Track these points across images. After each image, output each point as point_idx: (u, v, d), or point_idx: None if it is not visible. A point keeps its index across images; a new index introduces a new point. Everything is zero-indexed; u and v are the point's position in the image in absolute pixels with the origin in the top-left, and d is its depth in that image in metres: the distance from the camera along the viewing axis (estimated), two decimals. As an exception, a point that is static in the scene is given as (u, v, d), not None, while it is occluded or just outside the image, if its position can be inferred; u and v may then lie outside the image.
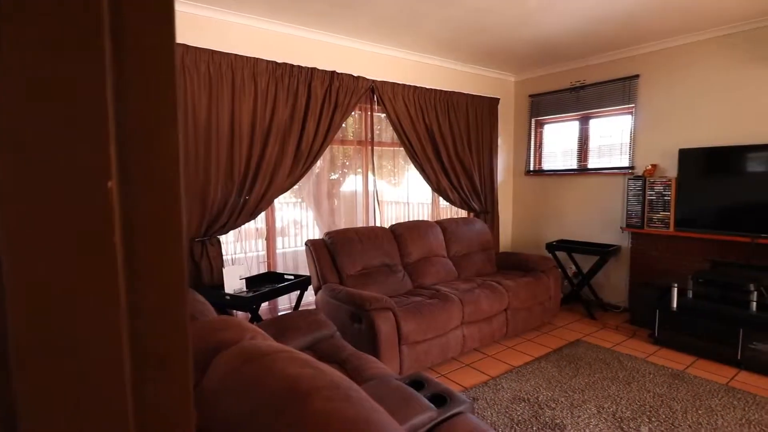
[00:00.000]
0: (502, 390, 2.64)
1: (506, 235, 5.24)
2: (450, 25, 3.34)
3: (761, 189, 3.21)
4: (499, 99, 4.78)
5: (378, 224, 4.06)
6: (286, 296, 3.61)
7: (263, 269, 3.51)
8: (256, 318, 2.86)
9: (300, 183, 3.76)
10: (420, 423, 1.48)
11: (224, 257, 3.19)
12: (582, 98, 4.44)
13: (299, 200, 3.99)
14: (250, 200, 3.08)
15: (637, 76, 4.00)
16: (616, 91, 4.16)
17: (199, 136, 2.88)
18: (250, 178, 3.07)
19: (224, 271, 2.81)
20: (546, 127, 4.93)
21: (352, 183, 4.01)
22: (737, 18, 3.25)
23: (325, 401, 0.77)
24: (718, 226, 3.43)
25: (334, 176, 3.99)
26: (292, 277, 3.14)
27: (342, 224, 3.88)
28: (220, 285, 2.88)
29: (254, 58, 3.05)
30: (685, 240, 3.64)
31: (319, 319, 2.35)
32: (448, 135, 4.28)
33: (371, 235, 3.38)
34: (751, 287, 3.11)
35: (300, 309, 3.13)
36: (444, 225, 3.97)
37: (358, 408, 0.78)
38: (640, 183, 3.85)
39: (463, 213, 4.74)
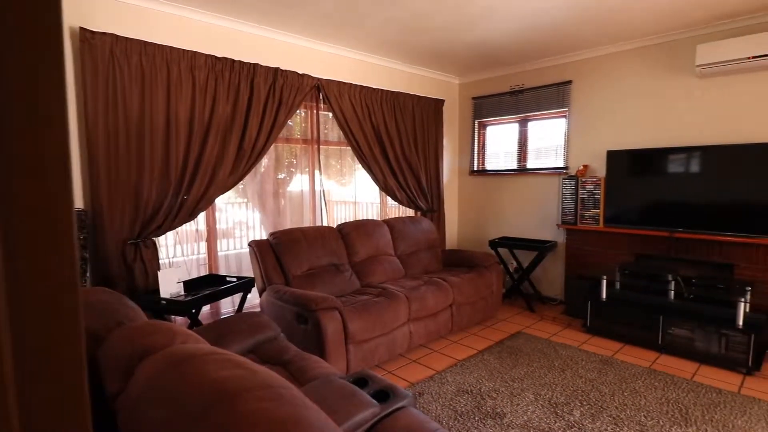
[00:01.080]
0: (447, 383, 2.71)
1: (452, 233, 5.39)
2: (393, 26, 3.38)
3: (678, 188, 3.52)
4: (444, 100, 4.90)
5: (326, 224, 4.03)
6: (229, 299, 3.49)
7: (204, 272, 3.37)
8: (196, 323, 2.73)
9: (244, 182, 3.65)
10: (363, 419, 1.49)
11: (162, 261, 3.02)
12: (521, 102, 4.66)
13: (245, 200, 3.87)
14: (188, 200, 2.94)
15: (570, 82, 4.26)
16: (551, 95, 4.41)
17: (131, 131, 2.71)
18: (188, 176, 2.93)
19: (159, 274, 2.66)
20: (488, 128, 5.12)
21: (299, 182, 3.94)
22: (653, 31, 3.55)
23: (254, 401, 0.75)
24: (641, 221, 3.72)
25: (281, 176, 3.90)
26: (235, 279, 3.04)
27: (288, 224, 3.81)
28: (157, 290, 2.72)
29: (192, 51, 2.92)
30: (613, 235, 3.92)
31: (262, 321, 2.29)
32: (395, 135, 4.33)
33: (318, 234, 3.34)
34: (669, 278, 3.41)
35: (243, 312, 3.03)
36: (391, 224, 4.01)
37: (288, 407, 0.76)
38: (573, 182, 4.10)
39: (410, 212, 4.81)
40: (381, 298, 3.02)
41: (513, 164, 4.85)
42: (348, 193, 4.51)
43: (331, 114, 3.89)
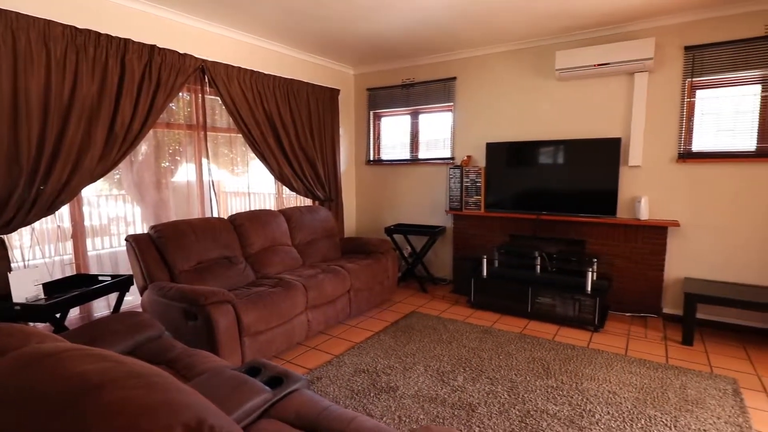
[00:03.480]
0: (345, 366, 2.79)
1: (351, 222, 5.49)
2: (285, 10, 3.31)
3: (544, 177, 4.03)
4: (339, 90, 4.93)
5: (217, 216, 3.82)
6: (104, 302, 3.14)
7: (71, 273, 2.98)
8: (61, 329, 2.42)
9: (120, 172, 3.30)
10: (255, 406, 1.48)
11: (16, 264, 2.60)
12: (412, 95, 4.89)
13: (121, 192, 3.49)
14: (46, 190, 2.57)
15: (455, 78, 4.59)
16: (438, 90, 4.70)
17: (-36, 109, 2.27)
18: (45, 163, 2.56)
19: (10, 276, 2.30)
20: (383, 119, 5.29)
21: (185, 172, 3.67)
22: (523, 36, 4.00)
23: (121, 390, 0.72)
24: (515, 206, 4.19)
25: (164, 164, 3.59)
26: (109, 278, 2.75)
27: (173, 218, 3.54)
28: (8, 294, 2.35)
29: (45, 19, 2.53)
30: (492, 219, 4.36)
31: (142, 321, 2.12)
32: (290, 123, 4.25)
33: (207, 226, 3.17)
34: (536, 254, 3.91)
35: (120, 312, 2.76)
36: (288, 214, 3.96)
37: (160, 393, 0.75)
38: (458, 172, 4.45)
39: (308, 202, 4.78)
40: (278, 288, 2.99)
41: (406, 155, 5.09)
42: (242, 184, 4.32)
43: (219, 99, 3.68)
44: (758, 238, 3.30)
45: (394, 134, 5.22)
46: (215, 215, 3.80)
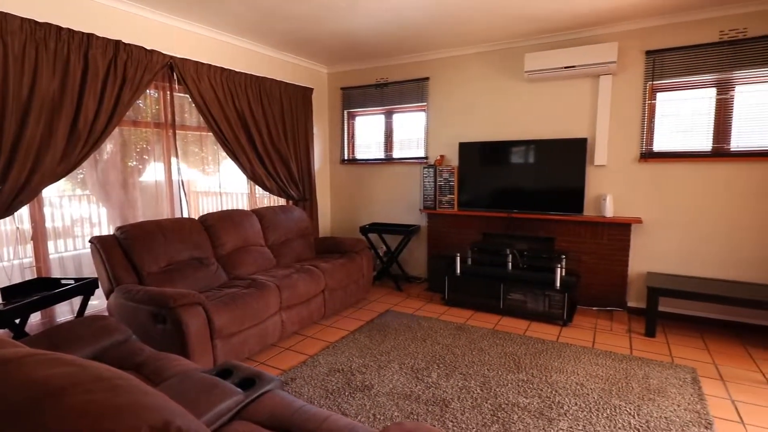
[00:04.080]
0: (319, 366, 2.78)
1: (325, 221, 5.47)
2: (253, 8, 3.26)
3: (515, 176, 4.12)
4: (312, 89, 4.90)
5: (187, 216, 3.73)
6: (67, 305, 3.03)
7: (32, 276, 2.86)
8: (21, 334, 2.32)
9: (83, 171, 3.18)
10: (226, 408, 1.46)
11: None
12: (386, 94, 4.91)
13: (85, 192, 3.36)
14: (3, 190, 2.45)
15: (428, 78, 4.64)
16: (412, 90, 4.74)
17: None
18: (2, 162, 2.44)
19: (-35, 281, 2.19)
20: (357, 119, 5.29)
21: (153, 171, 3.57)
22: (494, 38, 4.08)
23: (84, 394, 0.70)
24: (487, 205, 4.27)
25: (131, 163, 3.49)
26: (72, 282, 2.65)
27: (141, 218, 3.44)
28: (-39, 301, 2.23)
29: (2, 12, 2.41)
30: (466, 218, 4.43)
31: (108, 325, 2.06)
32: (262, 122, 4.20)
33: (177, 227, 3.10)
34: (508, 251, 4.00)
35: (84, 316, 2.66)
36: (261, 213, 3.91)
37: (125, 396, 0.73)
38: (432, 171, 4.50)
39: (282, 201, 4.74)
40: (250, 289, 2.95)
41: (381, 154, 5.11)
42: (213, 183, 4.24)
43: (189, 96, 3.60)
44: (715, 234, 3.48)
45: (368, 133, 5.23)
46: (185, 215, 3.72)
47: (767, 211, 3.30)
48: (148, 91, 3.42)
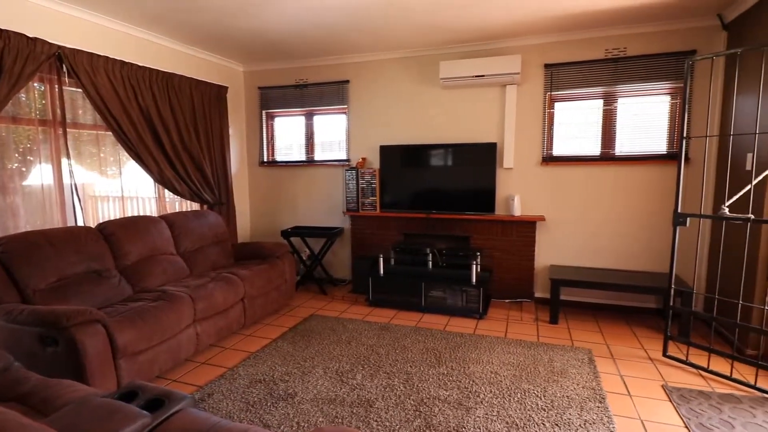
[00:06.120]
0: (239, 378, 2.66)
1: (245, 226, 5.24)
2: (161, -1, 3.04)
3: (434, 178, 4.29)
4: (227, 87, 4.67)
5: (83, 224, 3.36)
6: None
7: None
8: None
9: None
10: (130, 434, 1.34)
11: None
12: (306, 95, 4.84)
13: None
14: None
15: (348, 81, 4.66)
16: (332, 92, 4.73)
17: None
18: None
19: None
20: (276, 119, 5.14)
21: (41, 174, 3.15)
22: (411, 45, 4.21)
23: (-62, 440, 0.60)
24: (408, 206, 4.40)
25: (11, 165, 3.04)
26: (-66, 305, 2.25)
27: (25, 227, 3.02)
28: None
29: None
30: (388, 219, 4.51)
31: (-18, 352, 1.78)
32: (171, 121, 3.91)
33: (69, 237, 2.77)
34: (428, 251, 4.15)
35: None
36: (171, 220, 3.64)
37: (-3, 434, 0.64)
38: (354, 173, 4.52)
39: (195, 206, 4.45)
40: (160, 302, 2.73)
41: (302, 156, 5.02)
42: (114, 187, 3.85)
43: (83, 91, 3.23)
44: (605, 228, 3.93)
45: (288, 135, 5.11)
46: (81, 223, 3.34)
47: (647, 208, 3.80)
48: (32, 83, 3.01)
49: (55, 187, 3.19)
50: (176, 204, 4.37)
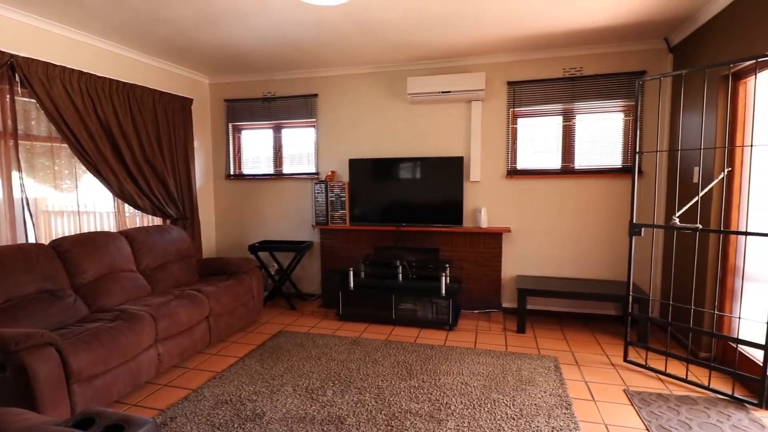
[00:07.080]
0: (204, 399, 2.56)
1: (210, 241, 5.10)
2: (118, 6, 2.96)
3: (403, 191, 4.33)
4: (192, 99, 4.58)
5: (34, 241, 3.17)
6: None
7: None
8: None
9: None
10: (85, 465, 1.26)
11: None
12: (273, 109, 4.81)
13: None
14: None
15: (316, 95, 4.67)
16: (300, 106, 4.72)
17: None
18: None
19: None
20: (243, 132, 5.07)
21: (-15, 188, 2.96)
22: (379, 61, 4.28)
23: None
24: (378, 219, 4.41)
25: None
26: None
27: (-32, 245, 2.82)
28: None
29: None
30: (358, 232, 4.51)
31: None
32: (132, 133, 3.78)
33: (18, 255, 2.61)
34: (398, 263, 4.17)
35: None
36: (131, 235, 3.50)
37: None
38: (323, 187, 4.51)
39: (158, 221, 4.30)
40: (118, 322, 2.60)
41: (270, 169, 4.96)
42: (70, 201, 3.66)
43: (36, 102, 3.09)
44: (568, 238, 4.07)
45: (256, 148, 5.05)
46: (32, 240, 3.15)
47: (605, 219, 3.97)
48: (-22, 93, 2.86)
49: (4, 202, 3.01)
50: (137, 219, 4.20)
